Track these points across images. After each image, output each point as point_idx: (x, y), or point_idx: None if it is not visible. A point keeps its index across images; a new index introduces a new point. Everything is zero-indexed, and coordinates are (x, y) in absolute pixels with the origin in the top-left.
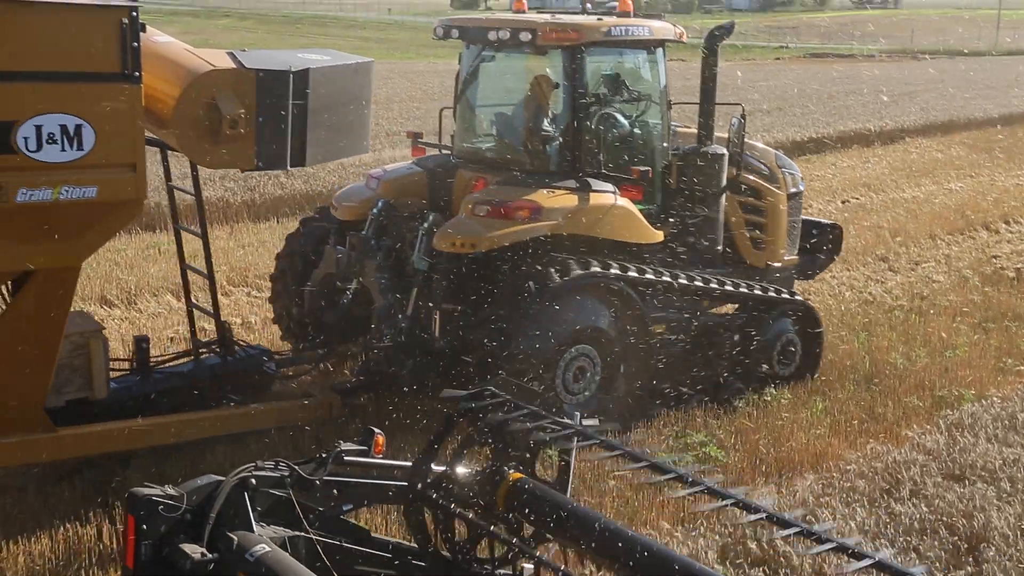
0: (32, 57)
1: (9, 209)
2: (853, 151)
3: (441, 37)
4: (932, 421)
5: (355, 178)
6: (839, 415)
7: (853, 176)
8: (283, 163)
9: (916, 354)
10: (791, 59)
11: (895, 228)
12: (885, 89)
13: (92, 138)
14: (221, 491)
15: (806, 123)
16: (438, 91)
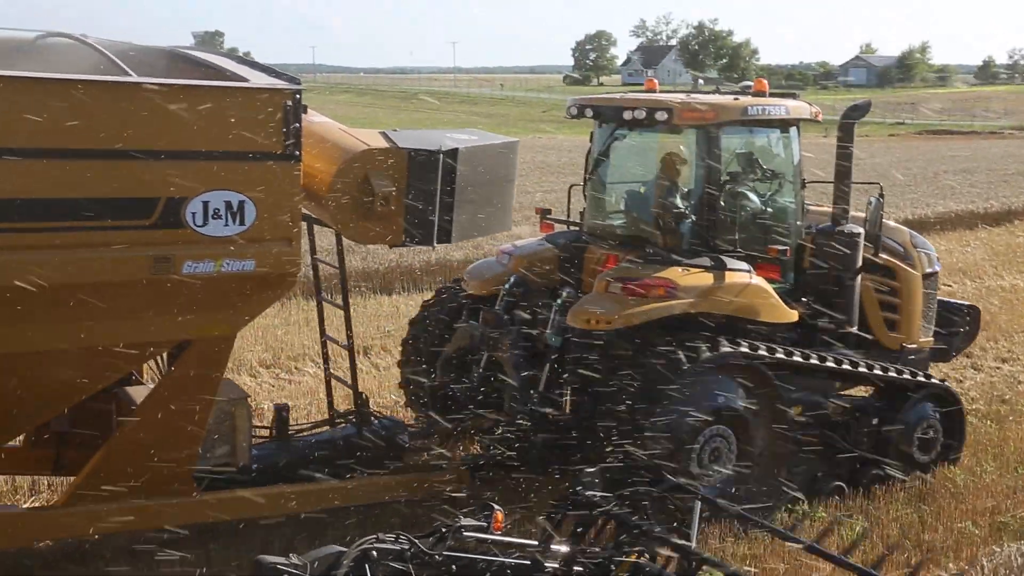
0: (203, 138)
1: (175, 281)
2: (954, 234)
3: (575, 116)
4: (977, 557)
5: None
6: (876, 540)
7: (949, 261)
8: (430, 239)
9: (983, 468)
10: (907, 136)
11: (985, 320)
12: (998, 168)
13: (253, 214)
14: (343, 562)
15: (904, 202)
16: (553, 164)
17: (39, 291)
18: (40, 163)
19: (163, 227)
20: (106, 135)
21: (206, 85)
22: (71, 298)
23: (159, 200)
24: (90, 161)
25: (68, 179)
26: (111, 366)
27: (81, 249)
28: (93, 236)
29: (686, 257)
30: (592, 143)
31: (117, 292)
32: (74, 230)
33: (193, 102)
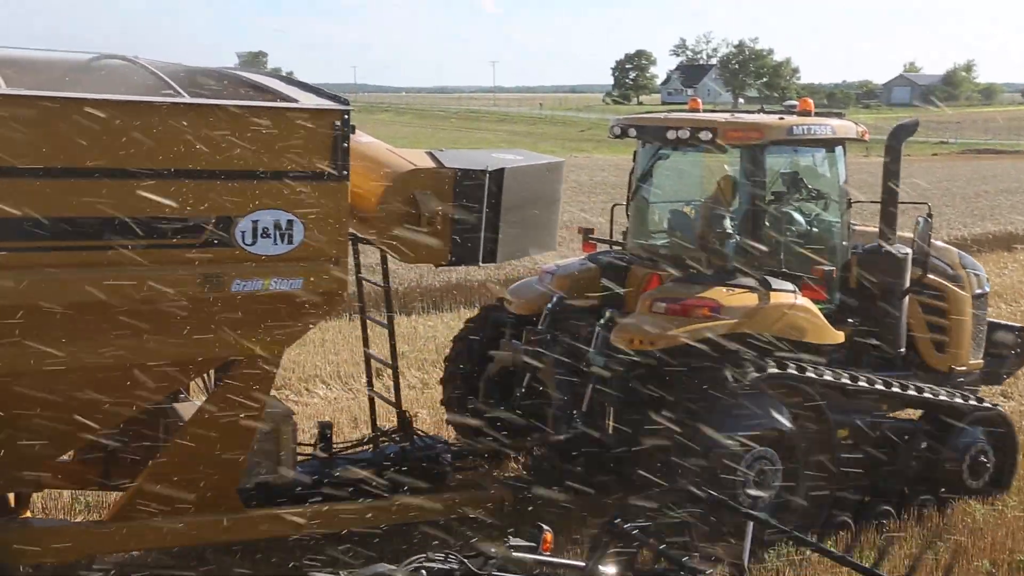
0: (253, 157)
1: (224, 298)
2: (992, 255)
3: (618, 136)
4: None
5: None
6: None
7: None
8: (475, 259)
9: (1004, 503)
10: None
11: None
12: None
13: (301, 233)
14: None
15: (940, 223)
16: (586, 184)
17: (92, 308)
18: (94, 183)
19: (213, 246)
20: (159, 155)
21: (257, 105)
22: (123, 315)
23: (210, 219)
24: (143, 181)
25: (121, 198)
26: (160, 383)
27: (133, 267)
28: (146, 254)
29: (730, 277)
30: (635, 163)
31: (168, 310)
32: (127, 248)
33: (244, 122)
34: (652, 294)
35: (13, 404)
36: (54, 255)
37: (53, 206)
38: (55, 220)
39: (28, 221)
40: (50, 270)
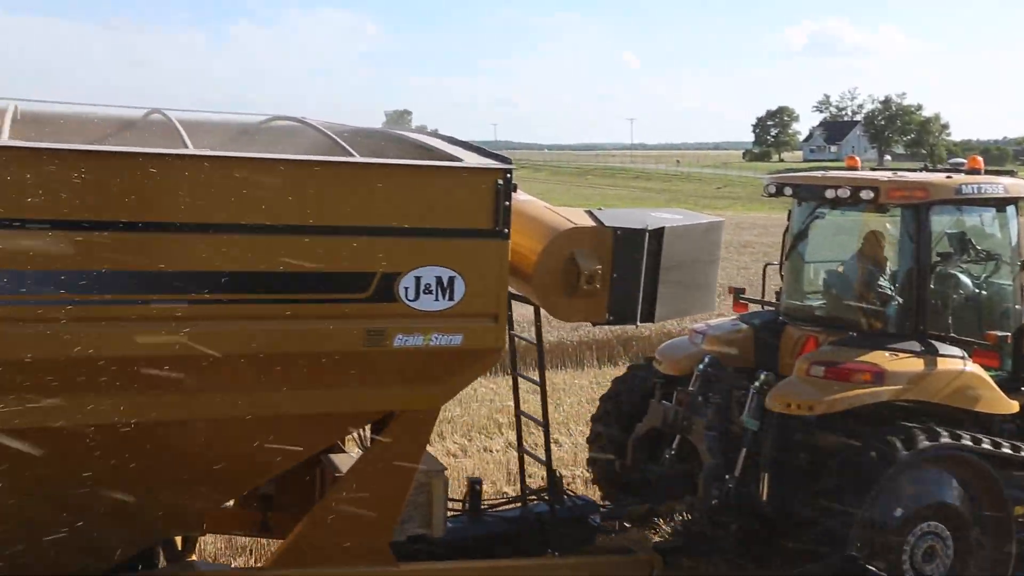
0: (418, 215)
1: (386, 353)
2: None
3: (773, 194)
4: None
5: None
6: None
7: None
8: (633, 318)
9: None
10: None
11: None
12: None
13: (462, 289)
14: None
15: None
16: (735, 244)
17: (258, 359)
18: (267, 239)
19: (378, 300)
20: (330, 212)
21: (423, 165)
22: (288, 367)
23: (375, 274)
24: (314, 237)
25: (292, 254)
26: (320, 434)
27: (301, 320)
28: (313, 308)
29: (893, 341)
30: (790, 221)
31: (331, 362)
32: (296, 302)
33: (411, 181)
34: (809, 357)
35: (181, 450)
36: (228, 307)
37: (230, 260)
38: (231, 274)
39: (204, 275)
40: (222, 322)
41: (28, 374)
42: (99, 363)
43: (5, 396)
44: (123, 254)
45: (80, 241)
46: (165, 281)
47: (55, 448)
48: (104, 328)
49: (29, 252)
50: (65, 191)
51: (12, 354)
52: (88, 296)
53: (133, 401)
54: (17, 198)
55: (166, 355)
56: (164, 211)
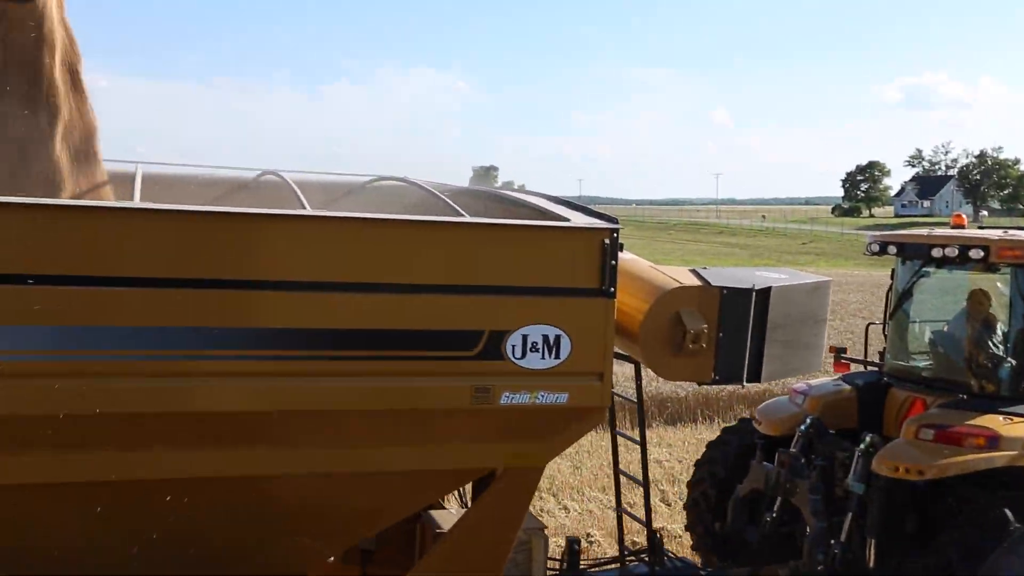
0: (525, 274)
1: (492, 411)
2: None
3: (876, 253)
4: None
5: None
6: None
7: None
8: (739, 378)
9: None
10: None
11: None
12: None
13: (568, 348)
14: None
15: None
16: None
17: (365, 415)
18: (377, 297)
19: (485, 358)
20: (439, 271)
21: (531, 225)
22: (395, 423)
23: (483, 333)
24: (423, 295)
25: (402, 311)
26: (423, 491)
27: (410, 377)
28: (422, 365)
29: (1006, 404)
30: (894, 280)
31: (438, 419)
32: (405, 359)
33: (519, 240)
34: (918, 420)
35: (286, 504)
36: (337, 364)
37: (341, 318)
38: (341, 331)
39: (315, 332)
40: (331, 378)
41: (139, 426)
42: (209, 416)
43: (120, 448)
44: (238, 311)
45: (201, 297)
46: (276, 337)
47: (159, 500)
48: (215, 382)
49: (153, 308)
50: (192, 250)
51: (123, 407)
52: (202, 351)
53: (241, 455)
54: (151, 257)
55: (274, 410)
56: (280, 270)
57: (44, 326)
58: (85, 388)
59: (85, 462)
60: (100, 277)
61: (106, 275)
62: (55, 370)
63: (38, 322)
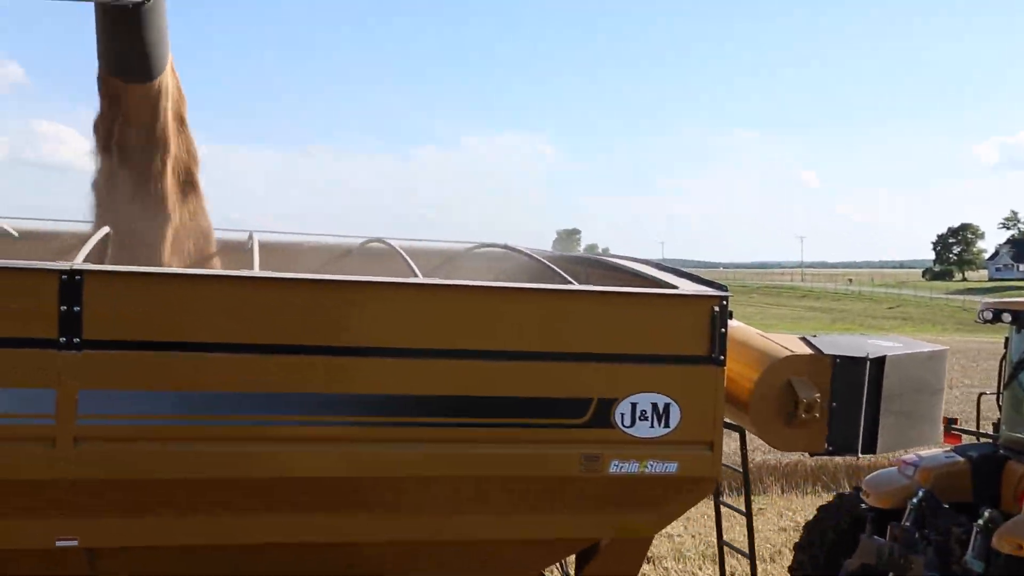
0: (634, 341)
1: (600, 480)
2: None
3: (989, 320)
4: None
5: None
6: None
7: None
8: (854, 449)
9: None
10: None
11: None
12: None
13: (678, 416)
14: None
15: None
16: None
17: (473, 482)
18: (486, 364)
19: (594, 426)
20: (548, 338)
21: (641, 292)
22: (502, 491)
23: (592, 400)
24: (532, 362)
25: (511, 378)
26: (528, 561)
27: (518, 444)
28: (530, 432)
29: None
30: (1008, 349)
31: (546, 487)
32: (513, 426)
33: (628, 308)
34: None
35: (390, 570)
36: (444, 431)
37: (450, 385)
38: (450, 398)
39: (424, 399)
40: (439, 445)
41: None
42: (323, 482)
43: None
44: (351, 378)
45: (315, 364)
46: (388, 404)
47: (261, 564)
48: (329, 448)
49: (282, 374)
50: (312, 317)
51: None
52: (308, 416)
53: (348, 521)
54: (271, 323)
55: (387, 476)
56: (396, 337)
57: (165, 391)
58: (210, 452)
59: (198, 525)
60: (225, 344)
61: (228, 342)
62: (175, 435)
63: (162, 388)
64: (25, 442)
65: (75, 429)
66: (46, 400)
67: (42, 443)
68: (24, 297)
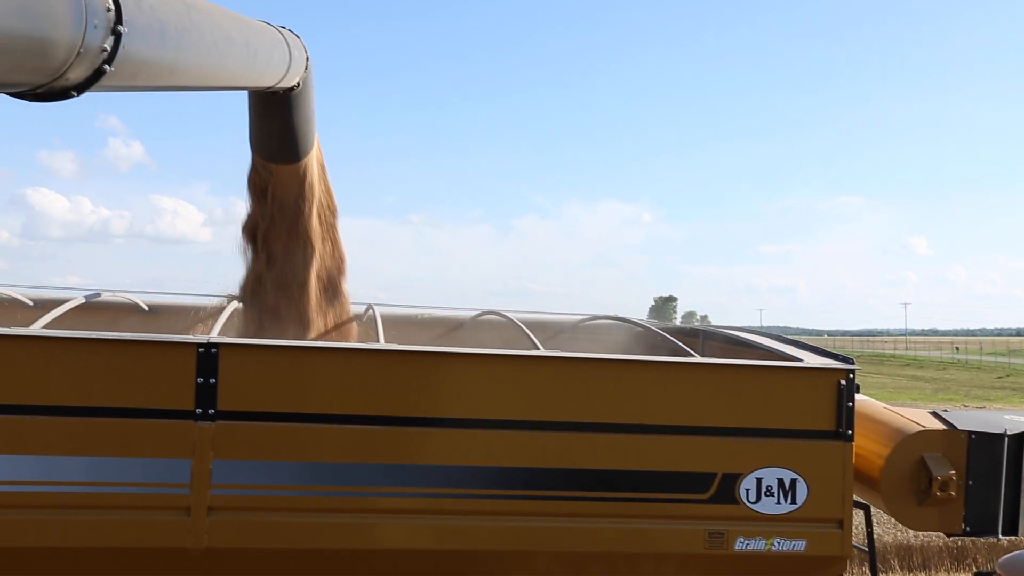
0: (758, 415)
1: (725, 557)
2: None
3: None
4: None
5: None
6: None
7: None
8: (993, 530)
9: None
10: None
11: None
12: None
13: (805, 493)
14: None
15: None
16: None
17: (595, 557)
18: (610, 437)
19: (718, 501)
20: (670, 411)
21: (765, 365)
22: (625, 567)
23: (716, 475)
24: (655, 435)
25: (633, 452)
26: None
27: (642, 519)
28: (654, 507)
29: None
30: None
31: (670, 564)
32: (636, 500)
33: (752, 381)
34: None
35: None
36: (566, 504)
37: (572, 458)
38: (572, 471)
39: (546, 472)
40: (561, 518)
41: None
42: (445, 555)
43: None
44: (479, 450)
45: (448, 437)
46: (512, 477)
47: None
48: (457, 521)
49: (411, 446)
50: (441, 389)
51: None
52: (437, 489)
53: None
54: (400, 396)
55: (510, 550)
56: (518, 409)
57: (295, 462)
58: (339, 523)
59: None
60: (353, 416)
61: (357, 413)
62: (305, 505)
63: (292, 458)
64: (161, 511)
65: (209, 498)
66: (182, 470)
67: (177, 512)
68: (163, 369)
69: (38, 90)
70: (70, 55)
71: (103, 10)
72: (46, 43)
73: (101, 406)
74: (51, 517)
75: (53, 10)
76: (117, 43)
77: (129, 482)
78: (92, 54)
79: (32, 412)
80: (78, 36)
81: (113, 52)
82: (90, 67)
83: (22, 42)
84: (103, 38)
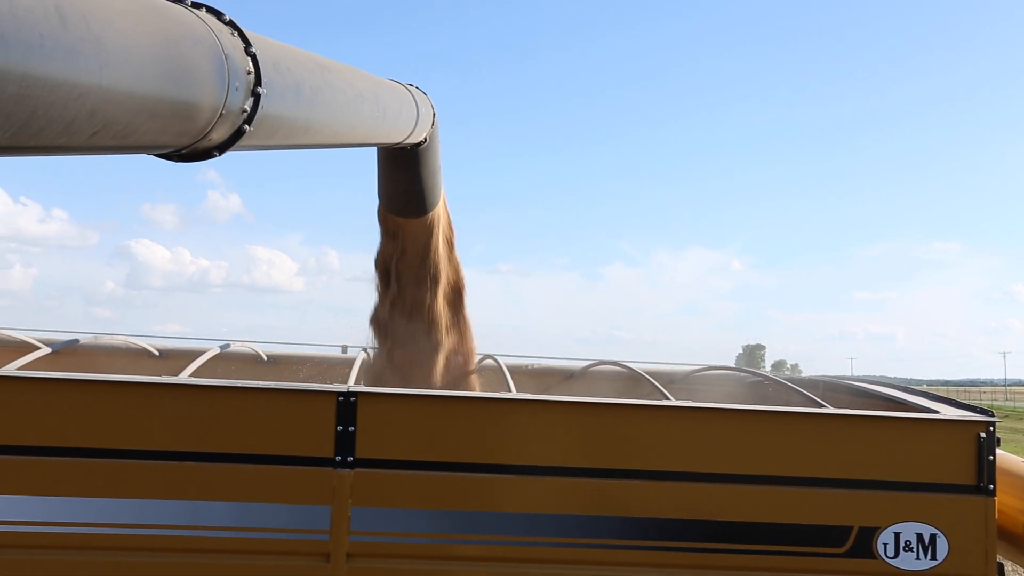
0: (894, 468)
1: None
2: None
3: None
4: None
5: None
6: None
7: None
8: None
9: None
10: None
11: None
12: None
13: (946, 549)
14: None
15: None
16: None
17: None
18: (743, 488)
19: (855, 556)
20: (804, 463)
21: (901, 417)
22: None
23: (852, 529)
24: (788, 487)
25: (766, 504)
26: None
27: (775, 574)
28: (787, 561)
29: None
30: None
31: None
32: (769, 554)
33: (888, 433)
34: None
35: None
36: (698, 556)
37: (705, 509)
38: (704, 523)
39: (676, 522)
40: (691, 570)
41: None
42: None
43: None
44: (609, 501)
45: (584, 487)
46: (637, 527)
47: None
48: (588, 572)
49: (544, 496)
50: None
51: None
52: (573, 539)
53: None
54: (534, 444)
55: None
56: (649, 459)
57: (432, 510)
58: (475, 572)
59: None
60: (489, 465)
61: (493, 463)
62: (443, 553)
63: (429, 506)
64: (302, 556)
65: (348, 545)
66: (322, 516)
67: (317, 558)
68: (305, 417)
69: (183, 151)
70: (213, 117)
71: (244, 72)
72: (192, 106)
73: (244, 452)
74: (196, 560)
75: (199, 74)
76: (256, 104)
77: (271, 527)
78: (233, 115)
79: (180, 458)
80: (221, 98)
81: (252, 113)
82: (231, 128)
83: (170, 105)
84: (244, 99)
